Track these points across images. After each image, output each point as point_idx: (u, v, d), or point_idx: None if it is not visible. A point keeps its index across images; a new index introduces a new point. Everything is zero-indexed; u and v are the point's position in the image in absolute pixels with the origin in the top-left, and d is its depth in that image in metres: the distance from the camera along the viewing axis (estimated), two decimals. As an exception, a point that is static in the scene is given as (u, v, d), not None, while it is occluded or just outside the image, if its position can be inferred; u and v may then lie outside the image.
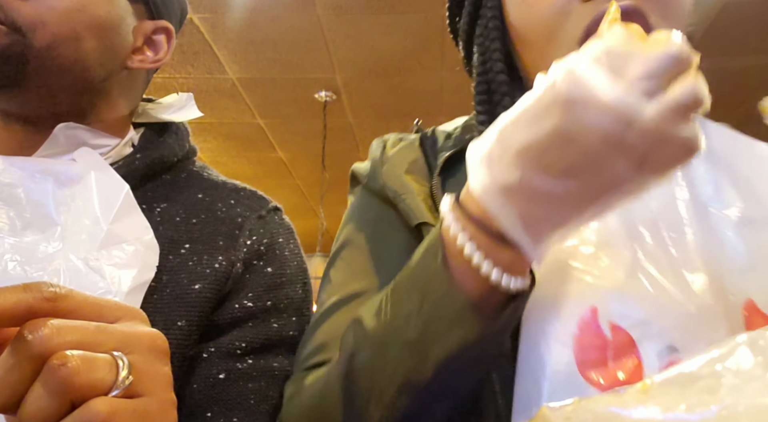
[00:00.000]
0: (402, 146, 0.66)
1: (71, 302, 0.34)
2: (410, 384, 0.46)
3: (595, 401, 0.29)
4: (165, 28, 0.76)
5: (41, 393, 0.32)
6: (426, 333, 0.45)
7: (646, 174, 0.39)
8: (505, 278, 0.44)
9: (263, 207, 0.76)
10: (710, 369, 0.28)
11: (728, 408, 0.26)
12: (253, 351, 0.67)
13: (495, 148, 0.43)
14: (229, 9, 3.00)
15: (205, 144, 4.57)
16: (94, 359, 0.33)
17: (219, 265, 0.67)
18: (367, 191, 0.66)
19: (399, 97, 3.86)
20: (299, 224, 4.26)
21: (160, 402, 0.36)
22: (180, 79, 3.65)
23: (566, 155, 0.39)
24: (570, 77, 0.39)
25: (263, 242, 0.72)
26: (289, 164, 4.97)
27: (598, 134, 0.38)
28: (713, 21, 3.01)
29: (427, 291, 0.46)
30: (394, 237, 0.62)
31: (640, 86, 0.37)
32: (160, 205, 0.71)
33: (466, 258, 0.44)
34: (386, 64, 3.49)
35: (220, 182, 0.79)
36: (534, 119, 0.40)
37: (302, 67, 3.54)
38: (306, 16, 3.06)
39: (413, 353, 0.46)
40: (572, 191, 0.40)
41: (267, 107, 4.01)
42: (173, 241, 0.68)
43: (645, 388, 0.29)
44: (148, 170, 0.72)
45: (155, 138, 0.76)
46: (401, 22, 3.10)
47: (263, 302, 0.69)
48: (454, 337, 0.45)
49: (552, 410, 0.30)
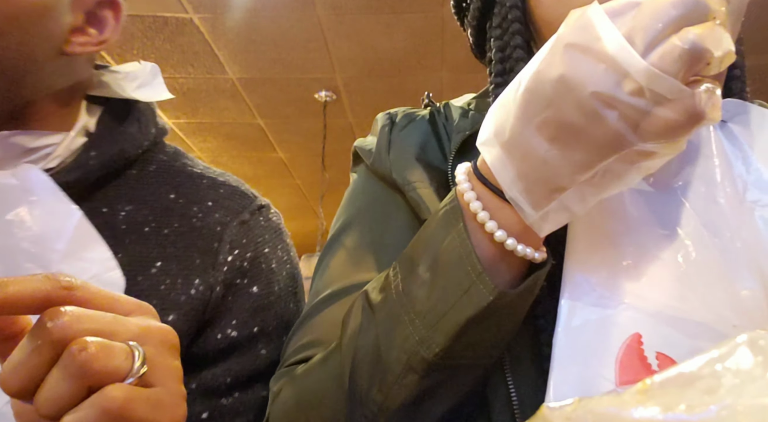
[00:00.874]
0: (411, 127, 0.60)
1: (87, 292, 0.35)
2: (419, 358, 0.43)
3: (595, 401, 0.29)
4: (110, 1, 0.62)
5: (59, 377, 0.33)
6: (438, 302, 0.43)
7: (647, 138, 0.35)
8: (520, 246, 0.42)
9: (246, 208, 0.66)
10: (710, 369, 0.28)
11: (728, 408, 0.26)
12: (240, 385, 0.61)
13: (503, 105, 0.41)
14: (229, 9, 3.00)
15: (205, 144, 4.57)
16: (111, 346, 0.34)
17: (195, 290, 0.59)
18: (371, 173, 0.60)
19: (399, 97, 3.85)
20: (299, 224, 4.31)
21: (171, 394, 0.36)
22: (180, 79, 3.65)
23: (561, 110, 0.36)
24: (576, 20, 0.36)
25: (246, 256, 0.63)
26: (289, 164, 4.97)
27: (590, 84, 0.35)
28: (713, 21, 3.01)
29: (442, 258, 0.43)
30: (400, 223, 0.57)
31: (643, 33, 0.33)
32: (124, 207, 0.61)
33: (479, 223, 0.43)
34: (386, 64, 3.49)
35: (196, 175, 0.67)
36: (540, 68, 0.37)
37: (302, 67, 3.54)
38: (306, 16, 3.06)
39: (424, 325, 0.43)
40: (567, 152, 0.37)
41: (267, 106, 4.01)
42: (142, 258, 0.59)
43: (645, 388, 0.29)
44: (106, 169, 0.61)
45: (115, 126, 0.63)
46: (401, 22, 3.10)
47: (249, 330, 0.62)
48: (467, 306, 0.42)
49: (552, 410, 0.30)
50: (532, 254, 0.43)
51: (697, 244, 0.45)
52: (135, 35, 3.20)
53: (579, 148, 0.37)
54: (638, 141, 0.36)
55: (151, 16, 3.05)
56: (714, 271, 0.44)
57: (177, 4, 2.95)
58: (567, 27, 0.37)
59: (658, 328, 0.42)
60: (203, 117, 4.16)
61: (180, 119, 4.19)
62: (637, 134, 0.35)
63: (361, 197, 0.61)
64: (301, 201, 5.78)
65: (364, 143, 0.62)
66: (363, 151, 0.62)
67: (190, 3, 2.95)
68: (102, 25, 0.61)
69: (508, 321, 0.45)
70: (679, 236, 0.45)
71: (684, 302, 0.43)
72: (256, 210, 0.67)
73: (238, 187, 0.68)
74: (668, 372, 0.29)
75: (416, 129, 0.60)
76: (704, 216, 0.46)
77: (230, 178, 0.69)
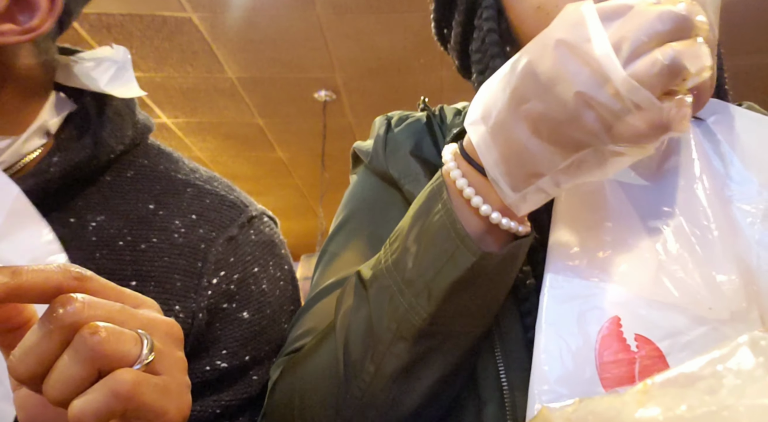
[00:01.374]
0: (407, 125, 0.62)
1: (96, 283, 0.36)
2: (408, 325, 0.46)
3: (595, 401, 0.29)
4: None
5: (70, 361, 0.33)
6: (425, 269, 0.45)
7: (617, 140, 0.38)
8: (505, 220, 0.45)
9: (234, 222, 0.59)
10: (711, 370, 0.28)
11: (729, 408, 0.26)
12: (231, 416, 0.57)
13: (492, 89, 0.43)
14: (229, 8, 3.00)
15: (204, 144, 4.57)
16: (122, 332, 0.34)
17: (176, 317, 0.53)
18: (369, 171, 0.63)
19: (399, 96, 3.85)
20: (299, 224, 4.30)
21: (177, 383, 0.37)
22: (179, 78, 3.65)
23: (545, 103, 0.39)
24: (570, 16, 0.38)
25: (234, 278, 0.57)
26: (288, 164, 4.96)
27: (576, 83, 0.37)
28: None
29: (431, 227, 0.46)
30: (397, 217, 0.57)
31: (629, 42, 0.36)
32: (95, 218, 0.55)
33: (458, 190, 0.45)
34: (386, 64, 3.49)
35: (180, 182, 0.60)
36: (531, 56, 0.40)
37: (302, 67, 3.54)
38: (305, 16, 3.05)
39: (412, 292, 0.46)
40: (546, 143, 0.40)
41: (266, 106, 4.01)
42: (115, 275, 0.53)
43: (646, 389, 0.29)
44: (70, 178, 0.54)
45: (83, 127, 0.56)
46: (401, 22, 3.10)
47: (240, 360, 0.57)
48: (452, 269, 0.44)
49: (552, 410, 0.30)
50: (516, 227, 0.46)
51: (675, 233, 0.47)
52: (133, 34, 3.20)
53: (557, 140, 0.40)
54: (609, 142, 0.38)
55: (149, 15, 3.04)
56: (691, 258, 0.46)
57: (176, 3, 2.95)
58: (561, 21, 0.39)
59: (636, 311, 0.45)
60: (202, 117, 4.16)
61: (179, 119, 4.18)
62: (609, 135, 0.38)
63: (359, 194, 0.63)
64: (301, 201, 5.78)
65: (362, 144, 0.65)
66: (361, 152, 0.64)
67: (189, 2, 2.95)
68: (33, 10, 0.51)
69: (493, 287, 0.47)
70: (658, 225, 0.48)
71: (661, 287, 0.45)
72: (246, 223, 0.61)
73: (227, 196, 0.61)
74: (669, 372, 0.29)
75: (412, 128, 0.62)
76: (683, 207, 0.49)
77: (219, 185, 0.62)
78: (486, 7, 0.57)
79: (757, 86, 3.60)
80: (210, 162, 4.87)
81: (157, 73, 3.59)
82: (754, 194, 0.49)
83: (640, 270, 0.46)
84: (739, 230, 0.48)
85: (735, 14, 2.98)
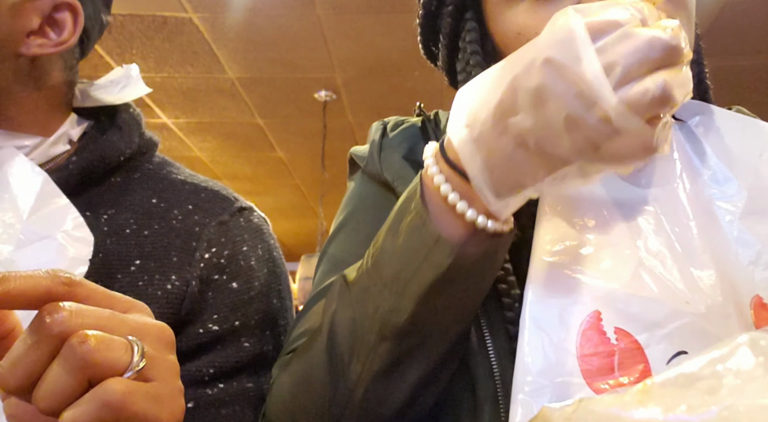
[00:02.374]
0: (402, 130, 0.65)
1: (85, 289, 0.36)
2: (390, 325, 0.46)
3: (595, 401, 0.29)
4: (67, 3, 0.63)
5: (60, 371, 0.33)
6: (403, 268, 0.46)
7: (603, 160, 0.39)
8: (481, 218, 0.45)
9: (225, 210, 0.68)
10: (711, 370, 0.28)
11: (729, 408, 0.26)
12: (224, 375, 0.62)
13: (477, 96, 0.43)
14: (229, 9, 3.00)
15: (204, 144, 4.57)
16: (111, 339, 0.34)
17: (171, 285, 0.61)
18: (365, 176, 0.65)
19: (399, 97, 3.85)
20: (299, 224, 4.30)
21: (170, 388, 0.37)
22: (179, 78, 3.65)
23: (532, 120, 0.39)
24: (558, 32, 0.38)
25: (224, 253, 0.65)
26: (288, 164, 4.97)
27: (564, 105, 0.37)
28: (713, 22, 3.01)
29: (404, 227, 0.47)
30: None
31: (619, 68, 0.36)
32: (107, 212, 0.64)
33: (442, 196, 0.45)
34: (386, 64, 3.49)
35: (179, 181, 0.69)
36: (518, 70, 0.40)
37: (302, 67, 3.54)
38: (305, 16, 3.06)
39: (392, 292, 0.46)
40: (531, 157, 0.41)
41: (267, 106, 4.01)
42: (122, 257, 0.61)
43: (645, 389, 0.29)
44: (87, 175, 0.63)
45: (98, 135, 0.66)
46: (401, 22, 3.10)
47: (230, 324, 0.63)
48: (429, 268, 0.45)
49: (552, 410, 0.30)
50: (501, 228, 0.46)
51: (655, 231, 0.49)
52: (134, 35, 3.20)
53: (543, 155, 0.40)
54: (595, 161, 0.40)
55: (150, 15, 3.04)
56: (670, 255, 0.48)
57: (176, 4, 2.95)
58: (549, 36, 0.39)
59: (616, 306, 0.46)
60: (203, 117, 4.16)
61: (179, 119, 4.19)
62: (596, 154, 0.39)
63: (356, 198, 0.65)
64: (301, 201, 5.78)
65: (358, 150, 0.67)
66: (358, 157, 0.66)
67: (190, 2, 2.95)
68: (60, 27, 0.63)
69: (472, 285, 0.47)
70: (639, 223, 0.49)
71: (641, 282, 0.47)
72: (237, 212, 0.68)
73: (220, 191, 0.70)
74: (669, 372, 0.29)
75: (407, 132, 0.64)
76: (663, 206, 0.50)
77: (214, 184, 0.71)
78: (469, 30, 0.59)
79: (757, 86, 3.60)
80: (210, 162, 4.87)
81: (157, 74, 3.59)
82: (734, 192, 0.51)
83: (621, 266, 0.47)
84: (719, 227, 0.50)
85: (735, 14, 2.98)
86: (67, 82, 0.67)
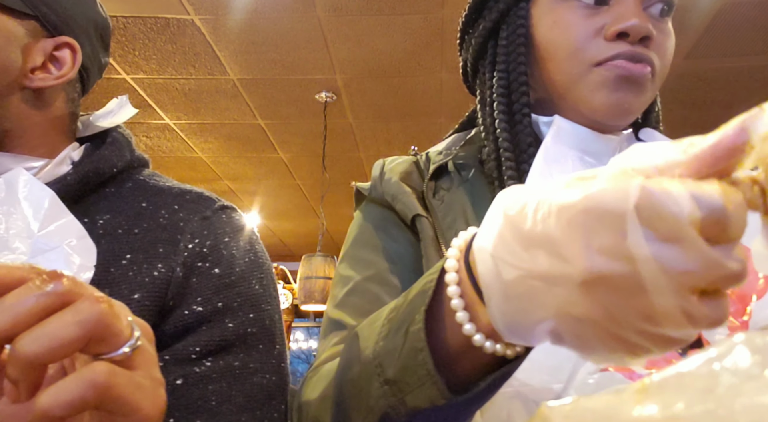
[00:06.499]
0: (398, 162, 0.77)
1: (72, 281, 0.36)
2: (392, 415, 0.46)
3: (593, 399, 0.29)
4: (67, 43, 0.72)
5: (68, 319, 0.33)
6: (402, 379, 0.44)
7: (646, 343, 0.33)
8: (489, 343, 0.40)
9: (208, 208, 0.74)
10: (708, 368, 0.28)
11: (726, 407, 0.26)
12: (210, 353, 0.66)
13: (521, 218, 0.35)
14: (230, 10, 3.00)
15: (206, 145, 4.57)
16: (120, 309, 0.36)
17: (158, 272, 0.67)
18: (370, 202, 0.76)
19: (399, 98, 3.86)
20: (299, 224, 4.29)
21: (152, 379, 0.37)
22: (181, 80, 3.65)
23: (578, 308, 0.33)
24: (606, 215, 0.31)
25: (206, 243, 0.70)
26: (289, 165, 4.97)
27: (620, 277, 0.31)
28: (711, 22, 3.01)
29: (408, 337, 0.44)
30: (396, 232, 0.72)
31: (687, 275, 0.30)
32: (102, 217, 0.71)
33: (452, 309, 0.41)
34: (386, 65, 3.49)
35: (166, 188, 0.77)
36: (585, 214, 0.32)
37: (303, 68, 3.54)
38: (306, 18, 3.06)
39: (392, 393, 0.45)
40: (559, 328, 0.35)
41: (268, 107, 4.01)
42: (115, 253, 0.67)
43: (643, 387, 0.29)
44: (83, 185, 0.71)
45: (93, 151, 0.75)
46: (401, 23, 3.11)
47: (213, 305, 0.68)
48: (424, 394, 0.43)
49: (551, 409, 0.30)
50: (502, 350, 0.41)
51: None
52: (136, 36, 3.20)
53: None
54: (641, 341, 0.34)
55: (152, 17, 3.05)
56: None
57: (178, 6, 2.96)
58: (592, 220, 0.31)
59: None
60: (204, 118, 4.17)
61: (181, 120, 4.19)
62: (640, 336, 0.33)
63: (363, 221, 0.75)
64: (302, 201, 5.78)
65: (362, 184, 0.79)
66: (363, 189, 0.78)
67: (192, 4, 2.96)
68: (61, 63, 0.72)
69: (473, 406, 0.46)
70: None
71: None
72: (219, 209, 0.75)
73: (203, 193, 0.78)
74: (666, 371, 0.29)
75: (402, 164, 0.77)
76: None
77: (200, 189, 0.79)
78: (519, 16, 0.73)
79: (756, 88, 3.60)
80: (212, 163, 4.88)
81: (159, 75, 3.60)
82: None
83: None
84: None
85: (735, 15, 2.98)
86: (70, 114, 0.77)
